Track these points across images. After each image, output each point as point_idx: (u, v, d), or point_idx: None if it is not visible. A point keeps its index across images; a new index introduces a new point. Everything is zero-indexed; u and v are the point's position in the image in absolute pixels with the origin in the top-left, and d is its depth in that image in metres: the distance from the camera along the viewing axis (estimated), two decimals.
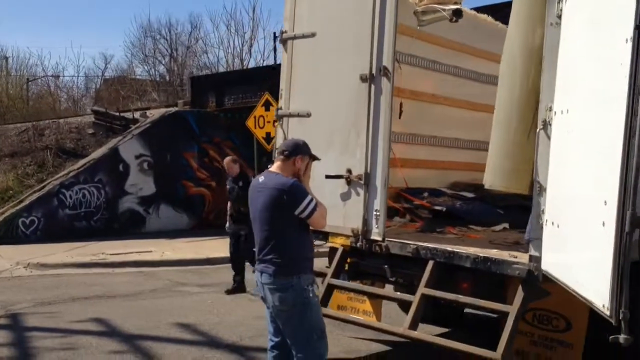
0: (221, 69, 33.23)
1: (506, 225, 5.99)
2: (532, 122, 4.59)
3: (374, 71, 5.12)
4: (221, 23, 53.63)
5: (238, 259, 9.33)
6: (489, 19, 8.00)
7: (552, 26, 4.15)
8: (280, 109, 5.85)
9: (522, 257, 4.45)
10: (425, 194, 6.62)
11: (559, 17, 4.09)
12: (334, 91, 5.43)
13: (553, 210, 3.97)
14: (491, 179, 4.72)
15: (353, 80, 5.24)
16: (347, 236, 5.28)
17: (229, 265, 9.58)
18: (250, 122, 13.83)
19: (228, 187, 9.37)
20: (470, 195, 6.67)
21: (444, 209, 6.12)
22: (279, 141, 5.87)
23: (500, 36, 8.18)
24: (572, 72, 3.79)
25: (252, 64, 34.79)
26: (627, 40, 3.05)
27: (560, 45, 4.01)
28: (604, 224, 3.18)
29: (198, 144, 17.77)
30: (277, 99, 5.93)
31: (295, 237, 4.10)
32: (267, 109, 13.65)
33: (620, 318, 3.01)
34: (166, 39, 35.84)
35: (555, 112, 4.01)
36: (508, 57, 4.73)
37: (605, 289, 3.07)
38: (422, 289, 4.75)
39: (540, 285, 4.30)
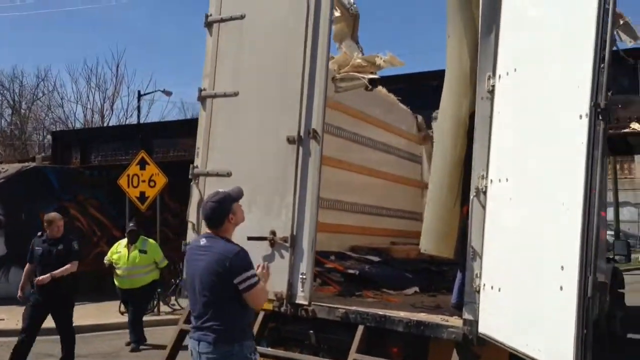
0: (78, 124, 31.80)
1: (416, 288, 6.10)
2: (458, 190, 4.79)
3: (302, 133, 5.09)
4: (80, 77, 51.66)
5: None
6: (384, 90, 8.38)
7: (483, 100, 4.40)
8: (197, 167, 5.62)
9: (455, 321, 4.53)
10: (332, 258, 6.61)
11: (490, 92, 4.35)
12: (257, 151, 5.33)
13: (493, 275, 4.09)
14: (425, 243, 4.81)
15: (279, 141, 5.18)
16: (270, 300, 5.08)
17: (99, 333, 8.75)
18: (122, 181, 13.20)
19: (38, 248, 7.66)
20: (375, 259, 6.75)
21: (357, 272, 6.13)
22: (193, 201, 5.63)
23: (394, 108, 8.72)
24: (512, 142, 4.01)
25: (114, 121, 33.71)
26: (581, 116, 3.29)
27: (495, 117, 4.24)
28: (561, 288, 3.33)
29: (58, 202, 16.57)
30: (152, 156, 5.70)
31: (236, 303, 3.88)
32: (143, 168, 13.16)
33: None
34: (9, 91, 33.85)
35: (491, 180, 4.20)
36: (440, 127, 4.94)
37: (569, 352, 3.18)
38: (353, 355, 4.65)
39: (473, 348, 4.38)
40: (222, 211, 3.98)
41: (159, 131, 17.53)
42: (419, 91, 10.35)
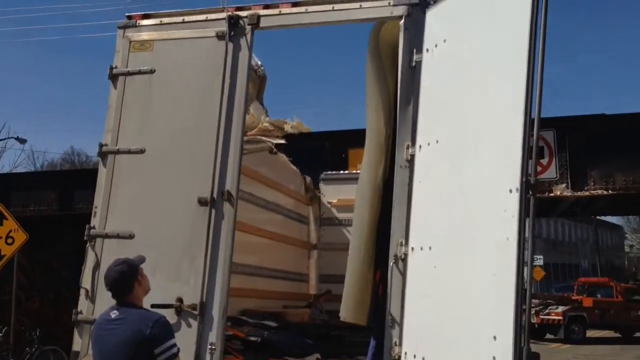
0: None
1: (318, 355, 5.99)
2: (373, 255, 4.83)
3: (215, 195, 4.92)
4: None
5: None
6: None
7: (402, 168, 4.52)
8: (94, 227, 5.22)
9: None
10: (229, 323, 6.34)
11: (408, 160, 4.48)
12: (164, 212, 5.05)
13: (416, 344, 4.11)
14: (344, 311, 4.76)
15: (189, 202, 4.96)
16: None
17: None
18: None
19: None
20: (273, 324, 6.57)
21: (259, 339, 5.91)
22: (88, 265, 5.20)
23: (285, 168, 8.73)
24: (434, 212, 4.13)
25: None
26: (511, 190, 3.46)
27: (416, 186, 4.35)
28: (494, 358, 3.40)
29: None
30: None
31: None
32: (0, 223, 12.05)
33: None
34: None
35: (412, 248, 4.28)
36: (360, 193, 4.98)
37: None
38: None
39: None
40: (131, 274, 3.72)
41: (15, 182, 16.33)
42: (309, 151, 10.52)
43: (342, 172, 10.07)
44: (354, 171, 10.16)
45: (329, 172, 9.51)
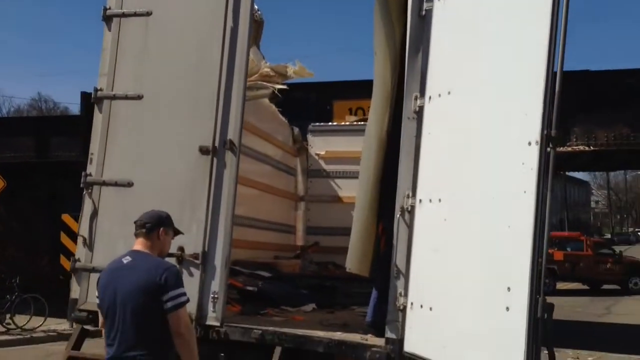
0: None
1: (314, 305, 6.02)
2: (377, 208, 4.81)
3: (217, 144, 4.81)
4: None
5: None
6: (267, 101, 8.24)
7: (410, 120, 4.44)
8: (90, 175, 5.09)
9: (374, 340, 4.51)
10: None
11: (416, 112, 4.41)
12: (164, 160, 4.95)
13: (423, 294, 4.12)
14: (349, 262, 4.75)
15: (190, 151, 4.86)
16: None
17: None
18: None
19: None
20: (267, 274, 6.57)
21: (256, 289, 5.91)
22: (85, 213, 5.09)
23: (274, 118, 8.59)
24: (447, 165, 4.08)
25: None
26: (530, 143, 3.43)
27: (425, 138, 4.30)
28: (508, 309, 3.43)
29: None
30: None
31: (167, 329, 3.51)
32: None
33: None
34: None
35: (420, 200, 4.25)
36: (367, 145, 4.90)
37: None
38: None
39: None
40: (160, 221, 3.75)
41: None
42: (293, 102, 10.36)
43: (330, 123, 9.98)
44: (343, 123, 10.11)
45: (317, 124, 9.41)
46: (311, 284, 6.54)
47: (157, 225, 3.72)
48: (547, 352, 3.42)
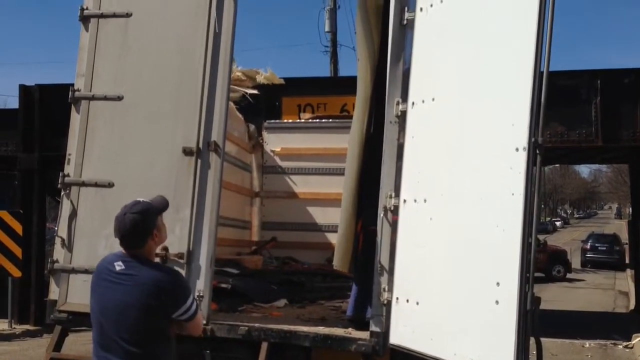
0: None
1: (285, 300, 6.17)
2: (358, 207, 5.02)
3: (200, 145, 4.87)
4: None
5: None
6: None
7: (392, 124, 4.66)
8: (68, 175, 5.05)
9: (357, 333, 4.70)
10: None
11: (398, 116, 4.63)
12: (146, 161, 4.97)
13: (408, 289, 4.35)
14: (336, 260, 4.92)
15: (173, 152, 4.90)
16: None
17: None
18: None
19: None
20: (234, 271, 6.66)
21: (229, 286, 6.00)
22: (64, 214, 5.05)
23: (232, 114, 8.64)
24: (431, 167, 4.32)
25: None
26: (517, 149, 3.71)
27: (409, 141, 4.51)
28: (497, 302, 3.70)
29: None
30: None
31: (165, 347, 3.40)
32: None
33: None
34: None
35: (404, 200, 4.47)
36: (349, 146, 5.08)
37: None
38: None
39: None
40: (146, 226, 3.36)
41: None
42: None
43: (286, 121, 10.10)
44: (298, 120, 10.25)
45: (273, 121, 9.53)
46: (282, 279, 6.68)
47: (144, 232, 3.38)
48: (534, 341, 3.70)
